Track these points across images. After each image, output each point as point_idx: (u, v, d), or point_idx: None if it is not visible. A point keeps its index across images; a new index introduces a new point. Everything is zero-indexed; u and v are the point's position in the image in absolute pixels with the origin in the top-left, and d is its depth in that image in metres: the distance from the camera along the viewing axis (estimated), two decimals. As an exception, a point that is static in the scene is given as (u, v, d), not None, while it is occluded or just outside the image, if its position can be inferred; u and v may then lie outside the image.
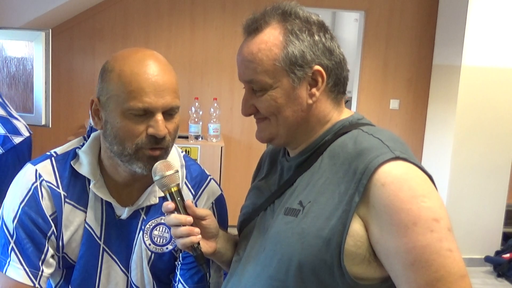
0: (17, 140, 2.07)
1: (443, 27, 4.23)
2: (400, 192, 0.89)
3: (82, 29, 4.10)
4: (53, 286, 1.26)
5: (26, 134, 2.12)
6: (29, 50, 2.69)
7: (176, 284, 1.24)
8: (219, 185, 1.33)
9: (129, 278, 1.22)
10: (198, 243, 1.06)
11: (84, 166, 1.17)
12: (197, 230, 1.05)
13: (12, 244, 1.12)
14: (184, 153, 1.30)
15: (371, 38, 4.38)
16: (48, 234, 1.14)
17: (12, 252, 1.12)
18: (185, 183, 1.25)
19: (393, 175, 0.91)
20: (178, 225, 1.04)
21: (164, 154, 1.12)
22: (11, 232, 1.13)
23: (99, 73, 1.12)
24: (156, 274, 1.24)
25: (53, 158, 1.19)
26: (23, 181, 1.16)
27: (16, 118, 2.14)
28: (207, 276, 1.11)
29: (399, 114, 4.51)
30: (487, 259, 4.08)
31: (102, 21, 4.11)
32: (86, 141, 1.22)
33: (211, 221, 1.11)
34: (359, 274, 0.95)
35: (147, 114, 1.06)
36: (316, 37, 1.03)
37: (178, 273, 1.24)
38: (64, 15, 3.87)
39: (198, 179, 1.26)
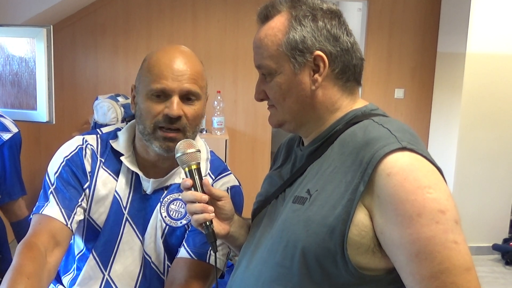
0: (6, 136, 2.17)
1: (447, 14, 4.19)
2: (405, 182, 0.88)
3: (84, 25, 4.09)
4: (76, 254, 1.35)
5: (15, 130, 2.21)
6: (31, 47, 2.69)
7: (179, 249, 1.31)
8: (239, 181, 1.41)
9: (143, 247, 1.31)
10: (211, 222, 1.09)
11: (119, 143, 1.32)
12: (211, 208, 1.09)
13: (51, 189, 1.26)
14: (211, 150, 1.42)
15: (374, 28, 4.35)
16: (85, 186, 1.29)
17: (51, 195, 1.25)
18: (208, 173, 1.35)
19: (399, 165, 0.90)
20: (194, 201, 1.08)
21: (181, 136, 1.21)
22: (52, 181, 1.27)
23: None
24: (168, 248, 1.32)
25: (98, 135, 1.35)
26: (70, 143, 1.33)
27: (3, 116, 2.25)
28: (215, 255, 1.15)
29: (404, 103, 4.48)
30: (495, 247, 4.06)
31: (104, 16, 4.10)
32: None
33: (226, 203, 1.14)
34: (363, 264, 0.94)
35: (165, 96, 1.20)
36: (320, 23, 1.02)
37: (184, 239, 1.31)
38: (66, 11, 3.87)
39: (220, 169, 1.38)
